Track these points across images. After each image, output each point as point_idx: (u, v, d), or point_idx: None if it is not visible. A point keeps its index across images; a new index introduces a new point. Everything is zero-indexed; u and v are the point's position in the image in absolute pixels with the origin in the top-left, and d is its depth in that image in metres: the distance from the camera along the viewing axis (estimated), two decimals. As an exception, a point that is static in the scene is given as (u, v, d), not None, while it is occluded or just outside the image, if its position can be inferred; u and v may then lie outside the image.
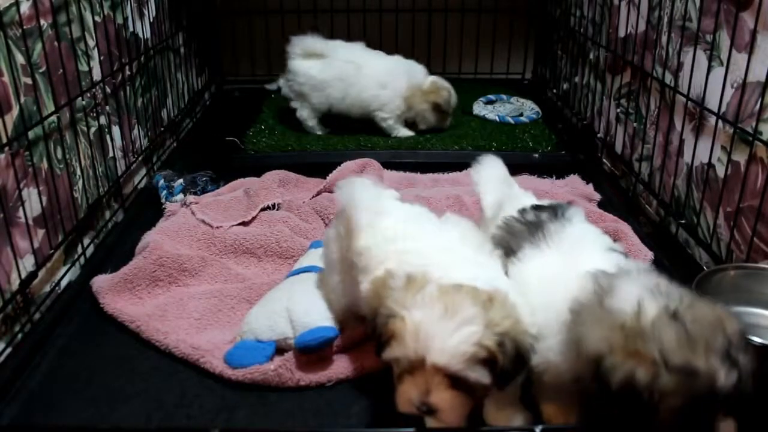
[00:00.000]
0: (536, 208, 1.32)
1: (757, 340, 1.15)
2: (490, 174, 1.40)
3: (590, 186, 2.13)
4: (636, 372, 0.90)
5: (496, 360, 0.97)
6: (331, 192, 2.08)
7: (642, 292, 0.96)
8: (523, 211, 1.32)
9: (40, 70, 1.60)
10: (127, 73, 2.17)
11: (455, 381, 0.97)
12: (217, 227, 1.80)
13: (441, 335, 0.95)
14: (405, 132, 2.54)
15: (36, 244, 1.55)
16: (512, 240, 1.25)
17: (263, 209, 1.91)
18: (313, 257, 1.60)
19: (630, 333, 0.92)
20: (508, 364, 0.97)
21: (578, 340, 0.99)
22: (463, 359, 0.95)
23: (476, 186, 1.40)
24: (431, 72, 2.93)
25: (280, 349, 1.36)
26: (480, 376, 0.97)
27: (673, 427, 0.91)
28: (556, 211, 1.26)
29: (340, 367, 1.33)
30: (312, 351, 1.32)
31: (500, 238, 1.30)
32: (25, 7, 1.52)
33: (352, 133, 2.52)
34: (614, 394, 0.91)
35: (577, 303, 1.01)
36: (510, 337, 0.98)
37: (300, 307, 1.37)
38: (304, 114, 2.53)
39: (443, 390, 0.97)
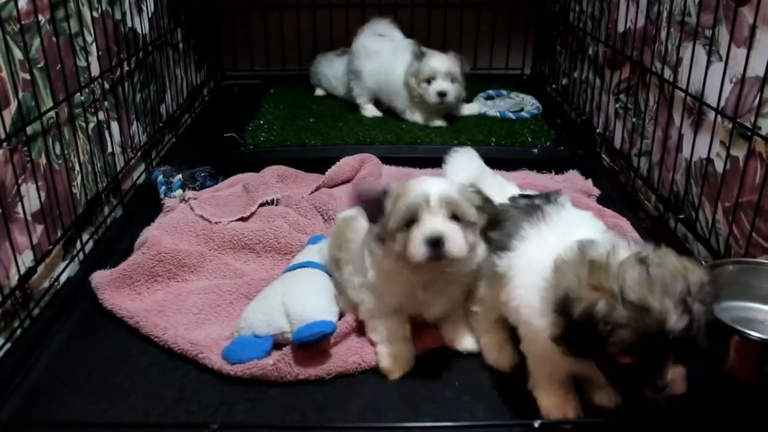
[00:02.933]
0: (525, 196, 1.36)
1: (755, 335, 1.15)
2: (461, 163, 1.55)
3: (589, 181, 2.13)
4: (596, 303, 0.97)
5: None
6: (330, 187, 2.08)
7: (620, 243, 1.04)
8: (513, 198, 1.36)
9: (39, 66, 1.60)
10: (126, 68, 2.16)
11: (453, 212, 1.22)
12: (216, 223, 1.80)
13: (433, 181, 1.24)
14: (417, 117, 2.57)
15: (35, 240, 1.55)
16: (509, 223, 1.26)
17: (262, 205, 1.91)
18: (311, 253, 1.60)
19: (597, 269, 1.00)
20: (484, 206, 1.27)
21: (555, 285, 1.04)
22: (455, 195, 1.23)
23: (446, 174, 1.52)
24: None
25: (277, 344, 1.36)
26: (470, 210, 1.25)
27: (620, 366, 0.98)
28: (548, 197, 1.29)
29: (339, 361, 1.33)
30: (309, 346, 1.32)
31: None
32: (23, 2, 1.52)
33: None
34: (575, 323, 0.99)
35: (559, 258, 1.06)
36: (485, 199, 1.27)
37: (297, 302, 1.37)
38: (357, 91, 2.70)
39: (450, 224, 1.22)
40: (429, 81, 2.47)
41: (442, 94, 2.46)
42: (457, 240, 1.20)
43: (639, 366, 0.98)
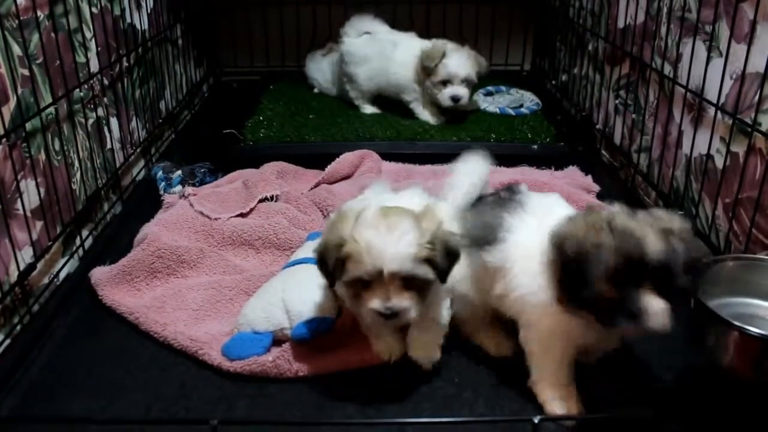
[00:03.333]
0: (487, 195, 1.43)
1: (755, 331, 1.15)
2: (471, 170, 1.51)
3: (589, 177, 2.13)
4: (588, 236, 1.07)
5: (433, 259, 1.16)
6: (329, 183, 2.08)
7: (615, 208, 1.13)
8: (480, 197, 1.42)
9: (38, 62, 1.59)
10: (125, 64, 2.16)
11: (407, 282, 1.15)
12: (216, 219, 1.80)
13: (390, 249, 1.13)
14: (426, 116, 2.54)
15: (34, 236, 1.55)
16: (489, 218, 1.30)
17: (261, 201, 1.91)
18: (310, 249, 1.60)
19: (591, 216, 1.12)
20: (441, 258, 1.18)
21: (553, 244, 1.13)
22: (409, 260, 1.14)
23: (453, 176, 1.51)
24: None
25: (277, 340, 1.36)
26: (425, 272, 1.16)
27: (604, 298, 1.06)
28: (511, 189, 1.35)
29: (339, 358, 1.33)
30: (308, 341, 1.32)
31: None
32: (21, -2, 1.52)
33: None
34: (569, 260, 1.08)
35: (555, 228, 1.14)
36: (439, 238, 1.18)
37: (296, 297, 1.37)
38: (353, 94, 2.67)
39: (400, 293, 1.15)
40: (444, 83, 2.43)
41: (455, 99, 2.43)
42: (410, 311, 1.16)
43: (621, 294, 1.05)
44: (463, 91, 2.42)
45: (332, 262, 1.17)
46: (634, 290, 1.04)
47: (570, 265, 1.08)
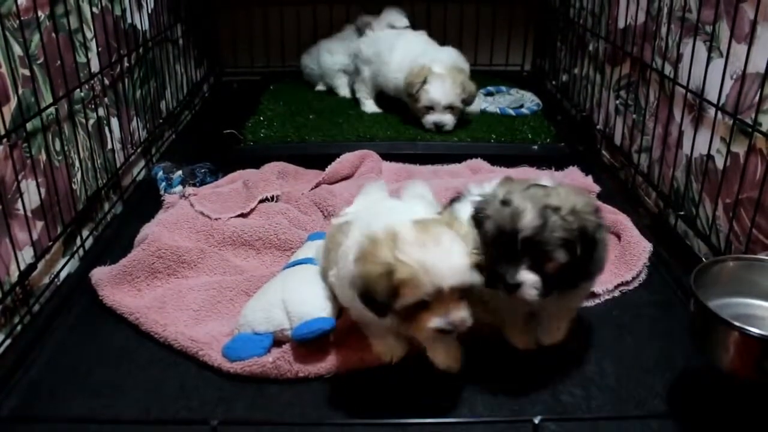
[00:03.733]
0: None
1: (755, 331, 1.15)
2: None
3: (589, 178, 2.12)
4: (486, 200, 1.21)
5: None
6: (330, 184, 2.08)
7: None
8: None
9: (38, 62, 1.59)
10: (126, 64, 2.16)
11: (462, 293, 1.13)
12: (216, 219, 1.80)
13: (447, 264, 1.10)
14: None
15: (35, 236, 1.55)
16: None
17: (262, 201, 1.91)
18: (310, 249, 1.60)
19: (502, 185, 1.23)
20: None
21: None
22: (466, 272, 1.11)
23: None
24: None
25: (277, 341, 1.36)
26: (477, 278, 1.14)
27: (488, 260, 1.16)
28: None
29: (340, 359, 1.33)
30: (309, 342, 1.32)
31: None
32: (22, -1, 1.52)
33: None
34: (472, 215, 1.23)
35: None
36: (471, 239, 1.17)
37: (296, 298, 1.37)
38: (358, 87, 2.71)
39: (459, 305, 1.13)
40: (427, 109, 2.40)
41: (438, 126, 2.41)
42: (467, 322, 1.14)
43: (499, 259, 1.15)
44: (446, 118, 2.40)
45: (384, 291, 1.11)
46: (509, 261, 1.15)
47: (473, 222, 1.21)
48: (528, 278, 1.14)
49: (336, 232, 1.36)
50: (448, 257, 1.10)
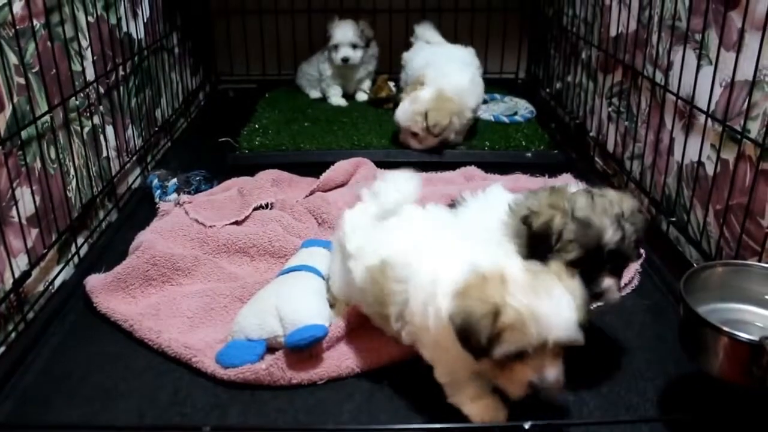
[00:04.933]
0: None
1: (744, 336, 1.15)
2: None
3: (582, 185, 2.13)
4: (553, 218, 1.24)
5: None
6: (324, 191, 2.09)
7: (571, 182, 1.34)
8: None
9: (33, 70, 1.60)
10: (121, 73, 2.17)
11: (560, 351, 1.06)
12: (210, 226, 1.80)
13: (558, 315, 1.03)
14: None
15: (29, 244, 1.56)
16: None
17: (256, 208, 1.92)
18: (304, 256, 1.61)
19: (555, 193, 1.29)
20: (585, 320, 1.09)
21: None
22: (575, 327, 1.05)
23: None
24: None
25: (271, 348, 1.37)
26: (581, 337, 1.06)
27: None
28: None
29: (332, 365, 1.34)
30: (302, 349, 1.32)
31: None
32: (17, 7, 1.53)
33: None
34: (535, 233, 1.25)
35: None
36: (580, 294, 1.10)
37: (289, 305, 1.38)
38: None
39: (557, 362, 1.06)
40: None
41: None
42: (560, 383, 1.07)
43: (584, 273, 1.15)
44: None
45: (486, 333, 1.03)
46: (593, 271, 1.22)
47: (535, 238, 1.25)
48: (612, 284, 1.25)
49: (382, 279, 1.24)
50: (558, 309, 1.03)
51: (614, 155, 2.29)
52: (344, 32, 2.81)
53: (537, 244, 1.25)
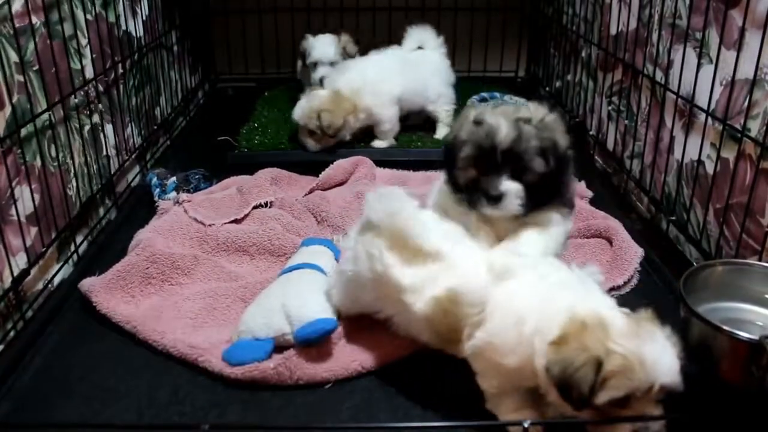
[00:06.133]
0: None
1: (743, 335, 1.16)
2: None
3: (582, 183, 2.13)
4: (456, 127, 1.28)
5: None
6: (323, 190, 2.09)
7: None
8: None
9: (33, 69, 1.60)
10: (120, 71, 2.17)
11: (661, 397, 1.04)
12: (210, 225, 1.80)
13: (664, 360, 1.02)
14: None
15: (29, 242, 1.56)
16: None
17: (256, 207, 1.91)
18: (306, 254, 1.61)
19: (467, 109, 1.32)
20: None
21: None
22: (679, 373, 1.03)
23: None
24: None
25: (279, 347, 1.36)
26: (681, 385, 1.04)
27: (468, 181, 1.23)
28: None
29: (339, 367, 1.33)
30: (312, 343, 1.32)
31: None
32: (17, 5, 1.52)
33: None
34: (445, 146, 1.31)
35: None
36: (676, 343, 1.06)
37: (296, 302, 1.37)
38: None
39: (659, 408, 1.05)
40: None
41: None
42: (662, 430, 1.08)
43: (481, 176, 1.21)
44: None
45: (588, 382, 1.00)
46: (491, 174, 1.21)
47: (446, 152, 1.28)
48: (511, 187, 1.20)
49: (454, 307, 1.18)
50: (663, 354, 1.02)
51: (614, 154, 2.29)
52: (323, 49, 2.53)
53: (447, 157, 1.27)
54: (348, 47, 2.56)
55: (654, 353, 1.01)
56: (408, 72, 2.46)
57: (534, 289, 1.13)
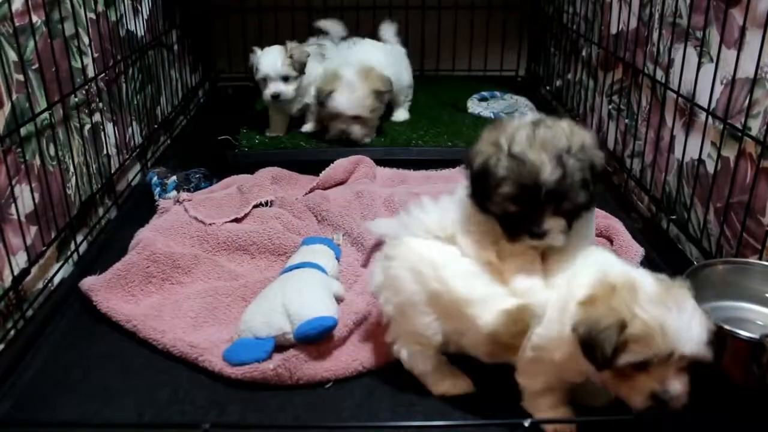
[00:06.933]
0: None
1: (744, 334, 1.16)
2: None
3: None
4: (490, 156, 1.12)
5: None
6: (324, 189, 2.09)
7: (530, 114, 1.18)
8: None
9: (33, 67, 1.60)
10: (122, 70, 2.17)
11: (686, 364, 1.03)
12: (210, 224, 1.80)
13: (689, 329, 1.01)
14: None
15: (29, 241, 1.56)
16: None
17: (256, 206, 1.91)
18: (306, 253, 1.60)
19: (495, 128, 1.16)
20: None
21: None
22: (704, 343, 1.02)
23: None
24: (424, 69, 2.95)
25: (279, 346, 1.36)
26: (710, 355, 1.04)
27: (506, 214, 1.13)
28: None
29: (340, 366, 1.33)
30: (312, 340, 1.32)
31: None
32: (17, 4, 1.52)
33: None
34: (475, 173, 1.15)
35: None
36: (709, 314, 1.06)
37: (297, 301, 1.37)
38: None
39: (681, 375, 1.03)
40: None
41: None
42: (682, 398, 1.06)
43: (522, 214, 1.12)
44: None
45: (611, 344, 1.01)
46: (533, 211, 1.11)
47: (475, 178, 1.16)
48: (554, 225, 1.12)
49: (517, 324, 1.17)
50: (689, 324, 1.01)
51: (614, 153, 2.29)
52: (271, 64, 2.35)
53: (477, 184, 1.16)
54: (296, 54, 2.36)
55: (678, 322, 1.00)
56: (391, 59, 2.58)
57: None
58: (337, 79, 2.32)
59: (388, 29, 2.71)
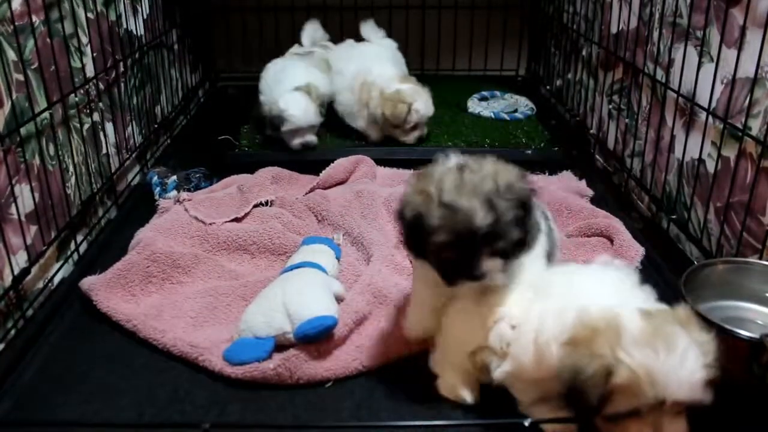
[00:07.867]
0: None
1: (744, 333, 1.16)
2: None
3: (583, 182, 2.13)
4: (419, 204, 1.11)
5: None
6: (324, 189, 2.09)
7: (452, 156, 1.18)
8: None
9: (32, 67, 1.60)
10: (121, 69, 2.17)
11: (683, 408, 0.98)
12: (210, 224, 1.80)
13: (679, 373, 0.94)
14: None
15: (29, 241, 1.56)
16: None
17: (256, 206, 1.91)
18: (306, 253, 1.61)
19: (423, 176, 1.15)
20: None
21: None
22: (701, 387, 0.96)
23: None
24: (424, 69, 2.94)
25: (279, 346, 1.36)
26: (709, 397, 0.97)
27: (443, 261, 1.13)
28: None
29: (340, 366, 1.33)
30: (312, 340, 1.32)
31: None
32: (16, 4, 1.52)
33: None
34: (407, 224, 1.15)
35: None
36: (711, 350, 0.98)
37: (297, 300, 1.37)
38: None
39: (678, 421, 0.98)
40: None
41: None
42: None
43: (459, 259, 1.11)
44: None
45: (596, 394, 0.95)
46: (469, 255, 1.11)
47: (408, 228, 1.15)
48: (492, 266, 1.12)
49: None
50: (680, 367, 0.93)
51: (614, 153, 2.29)
52: (302, 114, 2.25)
53: (411, 234, 1.15)
54: (321, 98, 2.32)
55: (667, 366, 0.93)
56: (393, 56, 2.62)
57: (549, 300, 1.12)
58: (403, 94, 2.30)
59: (369, 29, 2.70)
